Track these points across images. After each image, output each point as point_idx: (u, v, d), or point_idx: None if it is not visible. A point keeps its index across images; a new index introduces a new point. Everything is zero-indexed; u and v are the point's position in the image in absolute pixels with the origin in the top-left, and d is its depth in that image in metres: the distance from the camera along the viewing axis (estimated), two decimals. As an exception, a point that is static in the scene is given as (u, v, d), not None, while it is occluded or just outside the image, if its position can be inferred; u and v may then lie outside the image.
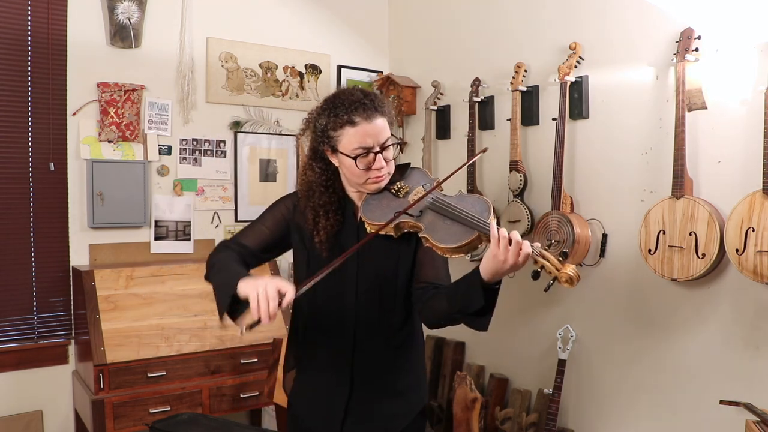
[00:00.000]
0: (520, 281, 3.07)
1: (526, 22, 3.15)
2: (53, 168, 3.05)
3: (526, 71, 3.09)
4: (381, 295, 1.69)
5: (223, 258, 1.69)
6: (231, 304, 1.54)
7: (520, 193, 3.07)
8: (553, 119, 2.87)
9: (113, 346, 2.72)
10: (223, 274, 1.63)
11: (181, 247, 3.38)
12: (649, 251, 2.50)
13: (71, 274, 3.09)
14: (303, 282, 1.53)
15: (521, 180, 3.04)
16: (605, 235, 2.80)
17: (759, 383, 2.30)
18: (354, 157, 1.59)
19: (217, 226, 3.50)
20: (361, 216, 1.65)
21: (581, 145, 2.89)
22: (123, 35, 3.17)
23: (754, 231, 2.18)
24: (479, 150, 1.71)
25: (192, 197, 3.42)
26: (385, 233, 1.60)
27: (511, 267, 1.40)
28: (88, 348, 2.74)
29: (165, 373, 2.79)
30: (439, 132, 3.67)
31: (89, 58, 3.11)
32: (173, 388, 2.79)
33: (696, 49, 2.40)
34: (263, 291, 1.45)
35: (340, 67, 3.88)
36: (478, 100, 3.31)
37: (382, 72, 3.99)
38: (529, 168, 3.11)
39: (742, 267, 2.22)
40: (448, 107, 3.62)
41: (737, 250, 2.22)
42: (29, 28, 2.97)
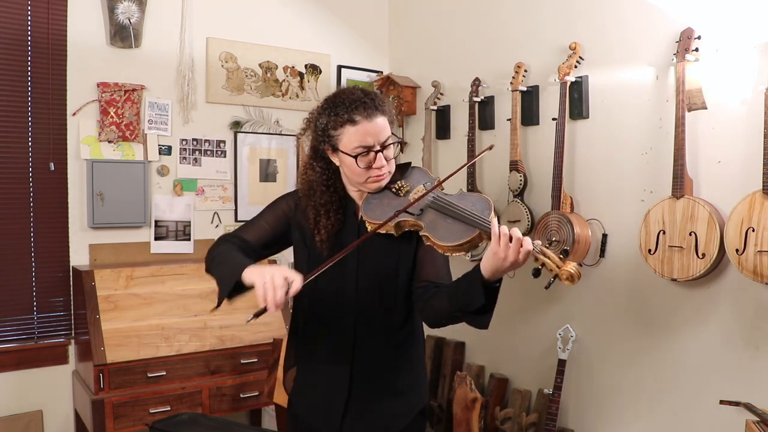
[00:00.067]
0: (520, 281, 3.08)
1: (525, 22, 3.15)
2: (53, 168, 3.05)
3: (526, 71, 3.09)
4: (381, 294, 1.69)
5: (226, 249, 1.69)
6: (234, 290, 1.53)
7: (520, 193, 3.07)
8: (553, 119, 2.87)
9: (113, 346, 2.72)
10: (228, 262, 1.61)
11: (181, 247, 3.38)
12: (649, 251, 2.50)
13: (71, 274, 3.09)
14: (310, 272, 1.52)
15: (521, 180, 3.04)
16: (605, 235, 2.80)
17: (759, 383, 2.30)
18: (355, 156, 1.59)
19: (217, 226, 3.50)
20: (362, 215, 1.65)
21: (581, 145, 2.89)
22: (123, 35, 3.17)
23: (754, 231, 2.18)
24: (484, 148, 1.70)
25: (192, 197, 3.42)
26: (386, 232, 1.60)
27: (512, 264, 1.39)
28: (88, 348, 2.74)
29: (165, 373, 2.79)
30: (439, 132, 3.67)
31: (89, 58, 3.12)
32: (173, 388, 2.79)
33: (696, 49, 2.40)
34: (270, 279, 1.44)
35: (340, 67, 3.89)
36: (478, 100, 3.31)
37: (382, 72, 3.99)
38: (529, 168, 3.11)
39: (742, 267, 2.22)
40: (448, 107, 3.62)
41: (737, 250, 2.22)
42: (29, 28, 2.97)
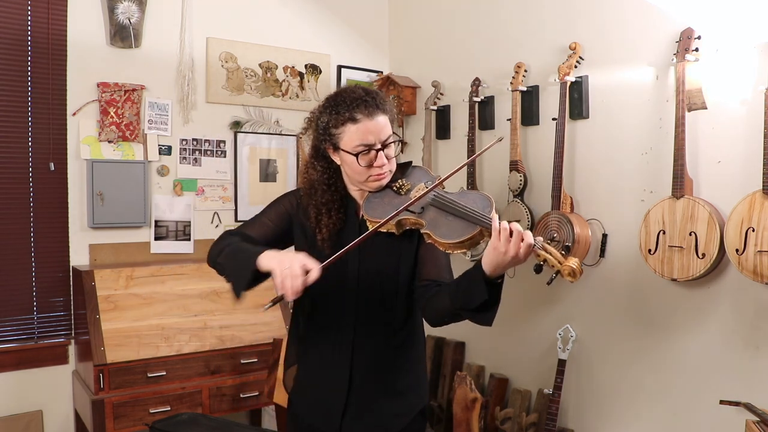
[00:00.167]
0: (520, 281, 3.08)
1: (525, 22, 3.15)
2: (53, 168, 3.05)
3: (526, 71, 3.09)
4: (382, 293, 1.69)
5: (234, 241, 1.67)
6: (252, 279, 1.52)
7: (520, 193, 3.07)
8: (553, 119, 2.87)
9: (113, 346, 2.72)
10: (241, 252, 1.60)
11: (181, 247, 3.38)
12: (649, 251, 2.50)
13: (71, 274, 3.09)
14: (327, 260, 1.50)
15: (521, 180, 3.04)
16: (605, 235, 2.80)
17: (759, 383, 2.30)
18: (356, 154, 1.59)
19: (217, 226, 3.50)
20: (363, 214, 1.65)
21: (581, 145, 2.89)
22: (123, 35, 3.17)
23: (754, 231, 2.18)
24: (493, 141, 1.69)
25: (192, 197, 3.42)
26: (387, 230, 1.59)
27: (512, 259, 1.39)
28: (88, 348, 2.74)
29: (165, 373, 2.79)
30: (439, 132, 3.67)
31: (89, 58, 3.12)
32: (173, 388, 2.79)
33: (696, 49, 2.40)
34: (288, 267, 1.43)
35: (340, 67, 3.89)
36: (478, 100, 3.31)
37: (382, 72, 3.99)
38: (529, 168, 3.11)
39: (742, 267, 2.22)
40: (448, 107, 3.62)
41: (737, 250, 2.22)
42: (29, 28, 2.97)
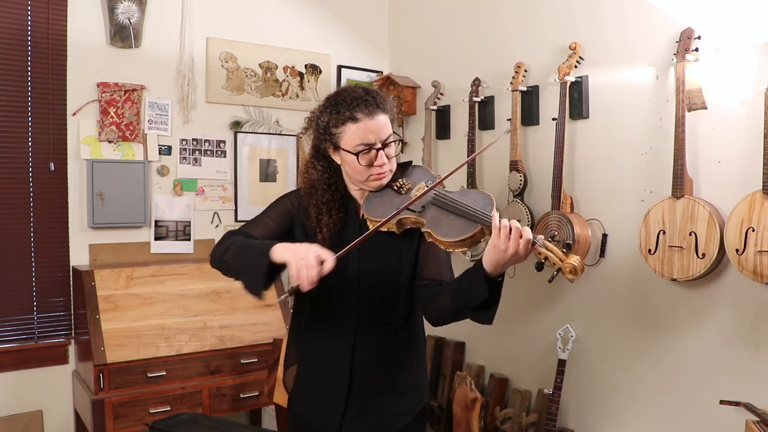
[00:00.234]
0: (520, 281, 3.07)
1: (525, 22, 3.15)
2: (53, 168, 3.05)
3: (526, 71, 3.09)
4: (383, 293, 1.69)
5: (239, 240, 1.66)
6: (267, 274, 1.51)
7: (520, 193, 3.07)
8: (553, 119, 2.87)
9: (113, 346, 2.72)
10: (250, 248, 1.59)
11: (181, 247, 3.38)
12: (649, 251, 2.50)
13: (71, 274, 3.09)
14: (340, 251, 1.50)
15: (521, 180, 3.04)
16: (605, 235, 2.80)
17: (759, 383, 2.30)
18: (356, 154, 1.59)
19: (217, 226, 3.50)
20: (364, 213, 1.65)
21: (581, 145, 2.89)
22: (123, 35, 3.17)
23: (754, 231, 2.18)
24: (501, 134, 1.70)
25: (192, 197, 3.42)
26: (388, 229, 1.59)
27: (513, 256, 1.40)
28: (88, 348, 2.74)
29: (165, 373, 2.79)
30: (439, 132, 3.67)
31: (89, 58, 3.12)
32: (173, 388, 2.79)
33: (696, 49, 2.40)
34: (303, 257, 1.43)
35: (340, 67, 3.89)
36: (478, 100, 3.31)
37: (382, 72, 3.99)
38: (529, 168, 3.11)
39: (742, 267, 2.22)
40: (448, 107, 3.62)
41: (737, 250, 2.22)
42: (29, 28, 2.97)
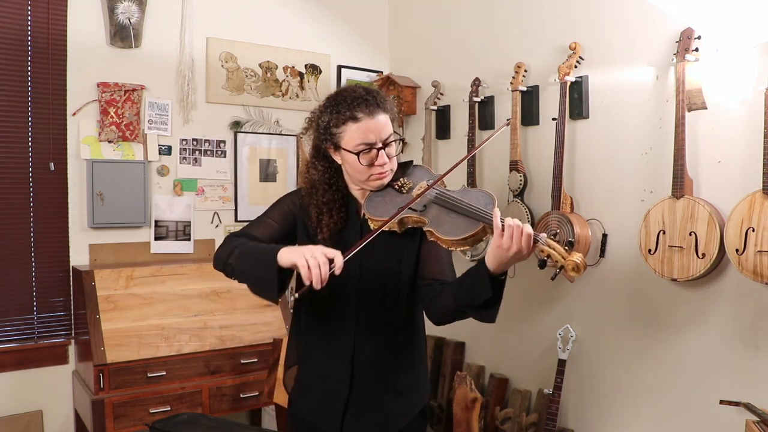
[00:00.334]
0: (520, 281, 3.08)
1: (525, 22, 3.15)
2: (53, 168, 3.05)
3: (526, 71, 3.09)
4: (384, 293, 1.69)
5: (242, 242, 1.66)
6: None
7: (520, 193, 3.07)
8: (553, 119, 2.87)
9: (113, 346, 2.72)
10: (254, 252, 1.59)
11: (181, 247, 3.38)
12: (649, 251, 2.50)
13: (71, 274, 3.09)
14: (348, 249, 1.51)
15: (521, 180, 3.04)
16: (605, 235, 2.80)
17: (759, 383, 2.30)
18: (357, 153, 1.59)
19: (217, 226, 3.50)
20: (365, 212, 1.65)
21: (581, 145, 2.89)
22: (123, 35, 3.17)
23: (754, 231, 2.18)
24: (501, 124, 1.70)
25: (192, 197, 3.42)
26: (389, 229, 1.59)
27: (515, 254, 1.40)
28: (88, 348, 2.74)
29: (165, 373, 2.79)
30: (439, 132, 3.67)
31: (89, 58, 3.12)
32: (173, 388, 2.79)
33: (696, 49, 2.40)
34: (312, 257, 1.44)
35: (340, 67, 3.89)
36: (478, 100, 3.31)
37: (382, 72, 3.99)
38: (529, 168, 3.11)
39: (742, 267, 2.22)
40: (448, 107, 3.62)
41: (737, 250, 2.22)
42: (29, 28, 2.97)
